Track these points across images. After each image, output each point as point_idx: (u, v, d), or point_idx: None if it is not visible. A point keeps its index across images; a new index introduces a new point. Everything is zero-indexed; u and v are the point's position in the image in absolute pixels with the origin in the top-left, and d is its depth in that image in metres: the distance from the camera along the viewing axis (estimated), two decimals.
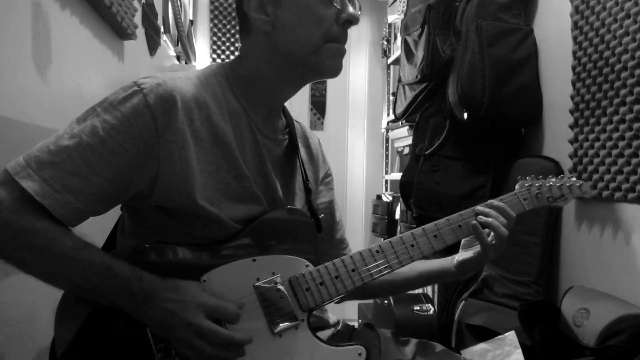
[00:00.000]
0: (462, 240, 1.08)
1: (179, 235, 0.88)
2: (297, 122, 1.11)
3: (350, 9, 0.93)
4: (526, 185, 1.11)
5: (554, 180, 1.13)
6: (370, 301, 2.74)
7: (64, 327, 0.83)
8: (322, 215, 1.09)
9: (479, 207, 1.03)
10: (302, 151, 1.09)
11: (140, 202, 0.87)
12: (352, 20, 0.93)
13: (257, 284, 0.89)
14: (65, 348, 0.81)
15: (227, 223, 0.89)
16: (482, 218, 1.02)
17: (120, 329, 0.83)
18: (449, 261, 1.10)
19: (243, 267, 0.90)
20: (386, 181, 3.91)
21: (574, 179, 1.16)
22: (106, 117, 0.82)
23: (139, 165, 0.82)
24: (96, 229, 0.90)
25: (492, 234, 1.02)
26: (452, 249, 1.10)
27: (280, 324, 0.89)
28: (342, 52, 0.94)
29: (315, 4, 0.90)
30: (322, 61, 0.92)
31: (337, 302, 1.10)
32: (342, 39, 0.94)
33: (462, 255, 1.09)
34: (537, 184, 1.11)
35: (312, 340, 0.91)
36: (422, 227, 1.01)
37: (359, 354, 0.92)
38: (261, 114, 0.97)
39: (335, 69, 0.95)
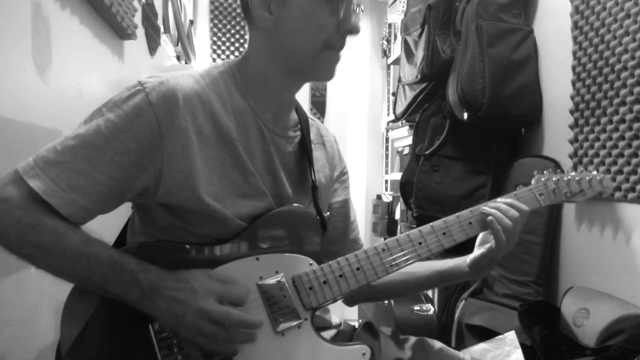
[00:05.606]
0: (478, 239, 1.05)
1: (183, 234, 0.89)
2: (312, 119, 1.10)
3: (353, 18, 0.92)
4: (543, 179, 1.06)
5: (572, 174, 1.08)
6: None
7: (70, 326, 0.84)
8: (328, 213, 1.08)
9: (489, 202, 1.01)
10: (318, 149, 1.08)
11: (147, 199, 0.88)
12: (353, 31, 0.92)
13: (260, 282, 0.89)
14: (70, 346, 0.82)
15: (231, 220, 0.89)
16: (486, 209, 1.00)
17: (123, 325, 0.84)
18: (462, 260, 1.07)
19: (246, 265, 0.89)
20: (386, 181, 3.91)
21: (595, 172, 1.11)
22: (110, 116, 0.83)
23: (143, 162, 0.83)
24: (106, 228, 0.91)
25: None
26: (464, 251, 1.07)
27: (283, 323, 0.89)
28: (337, 60, 0.95)
29: (320, 11, 0.89)
30: (317, 68, 0.94)
31: (349, 305, 1.09)
32: (341, 47, 0.94)
33: (474, 253, 1.05)
34: (554, 179, 1.07)
35: (316, 339, 0.91)
36: (431, 224, 0.99)
37: (363, 354, 0.92)
38: (270, 111, 0.97)
39: (329, 76, 0.96)
